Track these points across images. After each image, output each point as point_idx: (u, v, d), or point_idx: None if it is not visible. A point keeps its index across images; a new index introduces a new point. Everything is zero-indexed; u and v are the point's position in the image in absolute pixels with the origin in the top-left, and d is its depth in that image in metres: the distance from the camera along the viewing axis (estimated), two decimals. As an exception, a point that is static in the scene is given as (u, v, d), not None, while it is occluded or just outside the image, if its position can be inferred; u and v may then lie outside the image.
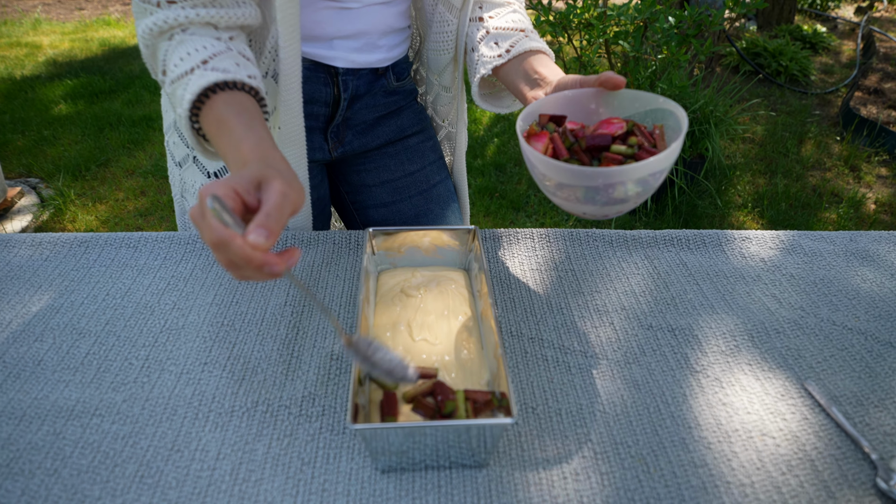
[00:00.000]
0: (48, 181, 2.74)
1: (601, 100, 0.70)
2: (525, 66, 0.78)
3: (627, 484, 0.55)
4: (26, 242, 0.86)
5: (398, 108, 0.96)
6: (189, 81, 0.63)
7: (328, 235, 0.88)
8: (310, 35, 0.82)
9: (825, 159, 3.14)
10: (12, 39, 4.55)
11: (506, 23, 0.84)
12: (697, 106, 2.54)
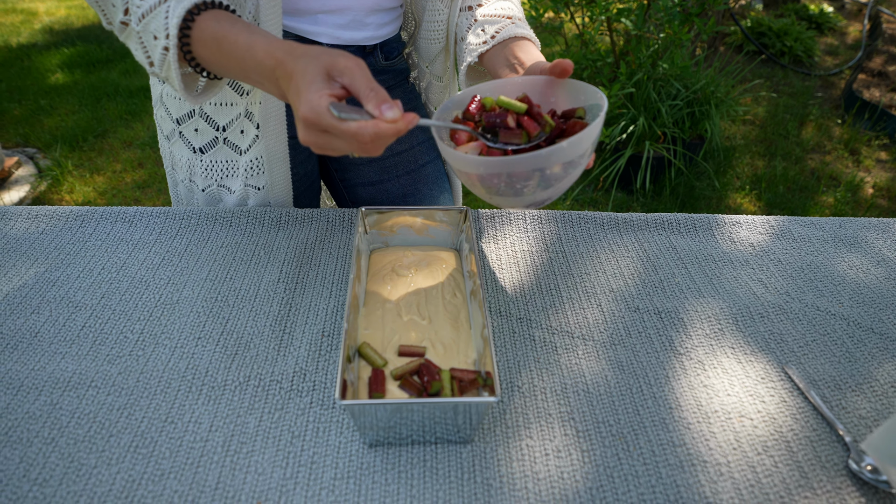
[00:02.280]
0: (45, 151, 2.73)
1: (555, 87, 0.70)
2: (507, 52, 0.78)
3: (607, 461, 0.57)
4: (22, 215, 0.86)
5: (387, 88, 0.96)
6: (168, 8, 0.62)
7: (322, 213, 0.89)
8: (292, 9, 0.81)
9: (825, 142, 3.13)
10: (7, 6, 4.48)
11: (494, 10, 0.84)
12: (698, 86, 2.53)
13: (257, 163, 0.87)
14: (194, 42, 0.62)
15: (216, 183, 0.91)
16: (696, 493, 0.55)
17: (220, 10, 0.63)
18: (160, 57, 0.64)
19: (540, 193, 0.62)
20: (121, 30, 0.68)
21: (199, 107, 0.85)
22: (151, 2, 0.63)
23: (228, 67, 0.62)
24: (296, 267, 0.79)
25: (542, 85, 0.70)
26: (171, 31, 0.61)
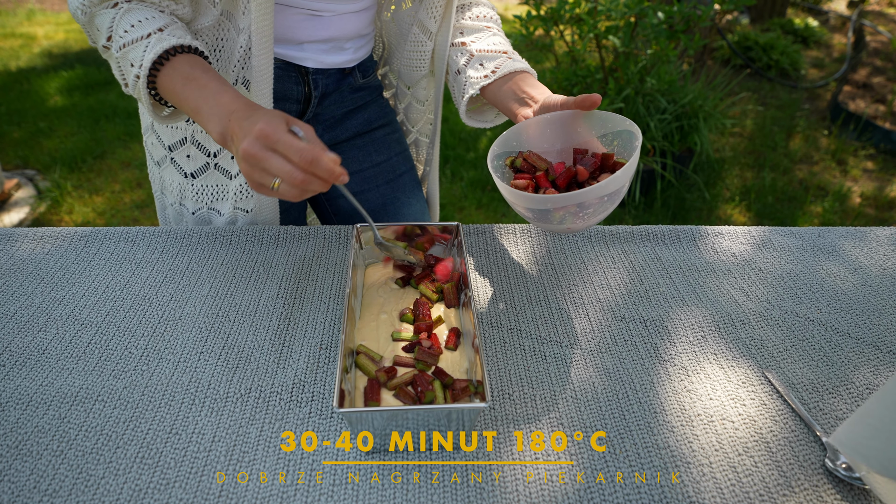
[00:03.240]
0: (45, 173, 2.77)
1: (580, 119, 0.76)
2: (512, 86, 0.83)
3: (594, 464, 0.59)
4: (28, 236, 0.89)
5: (365, 104, 1.00)
6: (148, 45, 0.69)
7: (317, 230, 0.92)
8: (282, 38, 0.86)
9: (813, 153, 3.18)
10: (7, 30, 4.54)
11: (488, 45, 0.89)
12: (686, 100, 2.58)
13: (246, 187, 0.91)
14: (162, 76, 0.70)
15: (206, 206, 0.94)
16: (679, 493, 0.57)
17: (196, 55, 0.71)
18: (133, 81, 0.72)
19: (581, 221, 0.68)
20: (103, 51, 0.76)
21: (191, 134, 0.89)
22: (134, 35, 0.70)
23: (188, 100, 0.68)
24: (294, 283, 0.82)
25: (570, 117, 0.76)
26: (144, 64, 0.70)
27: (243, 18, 0.78)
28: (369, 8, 0.92)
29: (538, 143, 0.78)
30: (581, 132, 0.76)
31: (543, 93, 0.81)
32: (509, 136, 0.76)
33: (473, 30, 0.93)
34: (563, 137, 0.77)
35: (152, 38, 0.70)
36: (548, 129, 0.77)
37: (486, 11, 0.96)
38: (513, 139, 0.77)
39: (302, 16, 0.85)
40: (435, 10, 0.91)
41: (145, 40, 0.69)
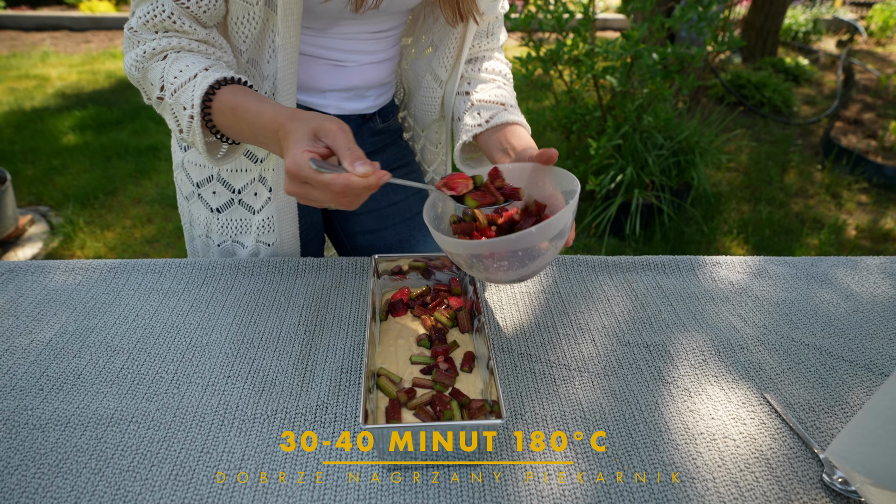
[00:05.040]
0: (58, 209, 2.83)
1: (545, 174, 0.78)
2: (500, 137, 0.88)
3: (604, 481, 0.63)
4: (60, 268, 0.94)
5: (384, 146, 1.06)
6: (196, 83, 0.74)
7: (335, 262, 0.97)
8: (305, 86, 0.92)
9: (808, 187, 3.26)
10: (22, 72, 4.68)
11: (489, 97, 0.95)
12: (682, 137, 2.66)
13: (269, 221, 0.96)
14: (214, 112, 0.74)
15: (231, 239, 0.99)
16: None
17: (238, 84, 0.75)
18: (187, 124, 0.75)
19: (518, 271, 0.70)
20: (157, 104, 0.79)
21: (217, 172, 0.95)
22: (183, 79, 0.75)
23: (242, 131, 0.73)
24: (314, 311, 0.86)
25: (531, 171, 0.79)
26: (195, 101, 0.73)
27: (268, 66, 0.85)
28: (391, 59, 0.98)
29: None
30: (545, 186, 0.78)
31: (525, 144, 0.85)
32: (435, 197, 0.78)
33: (480, 81, 1.00)
34: (530, 190, 0.79)
35: (198, 78, 0.74)
36: (511, 180, 0.78)
37: (498, 66, 1.03)
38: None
39: (326, 66, 0.91)
40: (446, 60, 0.97)
41: (192, 81, 0.74)
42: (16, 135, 3.57)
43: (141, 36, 0.78)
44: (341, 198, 0.63)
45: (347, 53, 0.91)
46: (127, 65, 0.80)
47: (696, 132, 2.74)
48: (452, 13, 0.89)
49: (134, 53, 0.78)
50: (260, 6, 0.78)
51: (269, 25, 0.81)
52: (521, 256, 0.68)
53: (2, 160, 3.23)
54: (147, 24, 0.77)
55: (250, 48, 0.84)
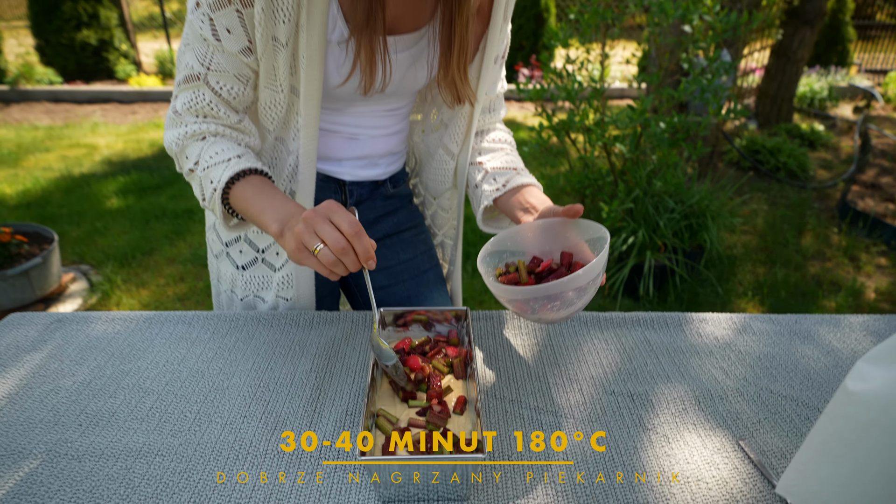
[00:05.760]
0: (98, 268, 3.01)
1: (569, 226, 0.90)
2: (518, 198, 0.99)
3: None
4: (102, 318, 1.05)
5: (395, 209, 1.17)
6: (227, 166, 0.88)
7: (346, 315, 1.06)
8: (323, 157, 1.04)
9: (825, 249, 3.27)
10: (73, 141, 5.04)
11: (501, 163, 1.06)
12: (693, 200, 2.74)
13: (288, 278, 1.06)
14: (234, 190, 0.88)
15: (253, 293, 1.09)
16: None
17: (259, 175, 0.89)
18: (210, 194, 0.89)
19: (567, 310, 0.80)
20: (188, 174, 0.93)
21: (245, 233, 1.06)
22: (217, 160, 0.89)
23: (257, 206, 0.86)
24: (325, 360, 0.94)
25: (559, 224, 0.90)
26: (222, 179, 0.87)
27: (293, 143, 0.97)
28: (401, 131, 1.11)
29: (531, 246, 0.91)
30: (570, 237, 0.89)
31: (543, 203, 0.96)
32: (504, 237, 0.91)
33: (489, 150, 1.11)
34: (556, 242, 0.90)
35: (231, 161, 0.88)
36: (541, 234, 0.91)
37: (501, 135, 1.14)
38: (507, 240, 0.91)
39: (342, 138, 1.04)
40: (457, 135, 1.09)
41: (224, 163, 0.88)
42: (64, 198, 3.82)
43: (183, 118, 0.91)
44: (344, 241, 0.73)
45: (360, 128, 1.03)
46: (168, 139, 0.93)
47: (707, 196, 2.82)
48: (452, 97, 1.00)
49: (176, 132, 0.91)
50: (285, 93, 0.91)
51: (294, 109, 0.94)
52: (567, 298, 0.78)
53: (51, 222, 3.46)
54: (189, 109, 0.90)
55: (277, 128, 0.96)
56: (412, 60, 0.96)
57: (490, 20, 0.99)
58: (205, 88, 0.89)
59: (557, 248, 0.90)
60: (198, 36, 0.86)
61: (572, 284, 0.76)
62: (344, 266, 0.75)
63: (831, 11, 7.22)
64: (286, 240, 0.79)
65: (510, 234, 0.91)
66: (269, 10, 0.83)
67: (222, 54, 0.87)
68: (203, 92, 0.89)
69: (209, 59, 0.87)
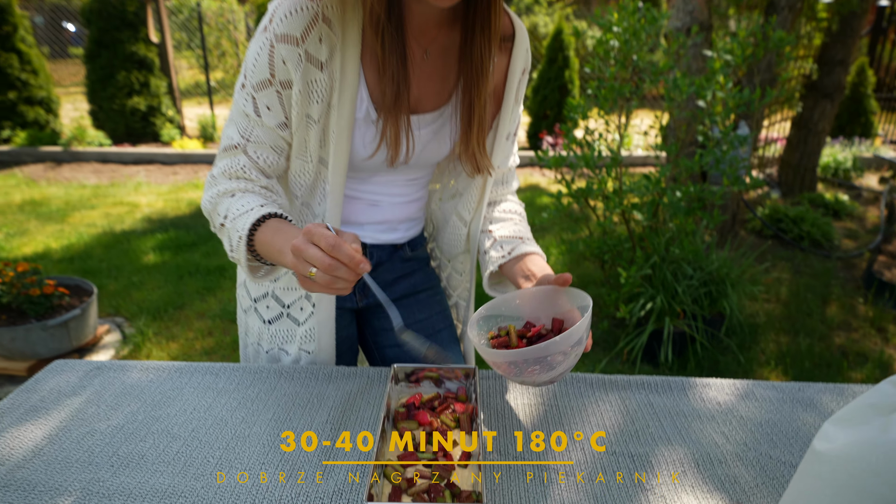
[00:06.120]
0: (131, 321, 3.13)
1: (562, 293, 0.96)
2: (521, 265, 1.07)
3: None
4: (137, 367, 1.13)
5: (412, 271, 1.24)
6: (250, 214, 0.94)
7: (362, 371, 1.12)
8: (346, 221, 1.13)
9: (851, 320, 3.23)
10: (117, 199, 5.33)
11: (508, 232, 1.15)
12: (712, 268, 2.77)
13: (310, 332, 1.13)
14: (260, 232, 0.93)
15: (277, 347, 1.17)
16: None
17: (279, 219, 0.95)
18: (236, 243, 0.95)
19: (548, 374, 0.85)
20: (220, 230, 1.00)
21: (272, 290, 1.14)
22: (241, 210, 0.96)
23: (273, 244, 0.91)
24: (341, 411, 1.00)
25: (551, 291, 0.97)
26: (244, 230, 0.93)
27: (318, 208, 1.06)
28: (420, 199, 1.20)
29: (525, 311, 0.98)
30: (562, 304, 0.95)
31: (543, 271, 1.03)
32: (499, 302, 0.97)
33: (499, 220, 1.19)
34: (549, 308, 0.96)
35: (254, 210, 0.95)
36: (534, 301, 0.97)
37: (512, 206, 1.23)
38: (502, 305, 0.97)
39: (364, 204, 1.13)
40: (470, 204, 1.18)
41: (248, 213, 0.94)
42: (105, 253, 4.02)
43: (218, 181, 1.01)
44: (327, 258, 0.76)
45: (382, 195, 1.13)
46: (204, 200, 1.03)
47: (727, 264, 2.85)
48: (472, 168, 1.10)
49: (211, 192, 1.01)
50: (314, 163, 1.01)
51: (321, 177, 1.04)
52: (550, 361, 0.83)
53: (91, 275, 3.63)
54: (224, 173, 1.00)
55: (304, 194, 1.06)
56: (433, 135, 1.06)
57: (503, 102, 1.10)
58: (242, 156, 0.99)
59: (550, 314, 0.96)
60: (241, 112, 0.97)
61: (551, 349, 0.80)
62: (343, 281, 0.78)
63: (852, 85, 7.35)
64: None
65: (505, 300, 0.97)
66: (304, 92, 0.94)
67: (261, 128, 0.97)
68: (239, 158, 0.99)
69: (249, 132, 0.98)
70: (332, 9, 0.92)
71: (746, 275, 2.99)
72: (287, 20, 0.90)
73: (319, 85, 0.94)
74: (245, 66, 0.95)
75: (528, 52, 1.10)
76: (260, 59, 0.92)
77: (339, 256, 0.77)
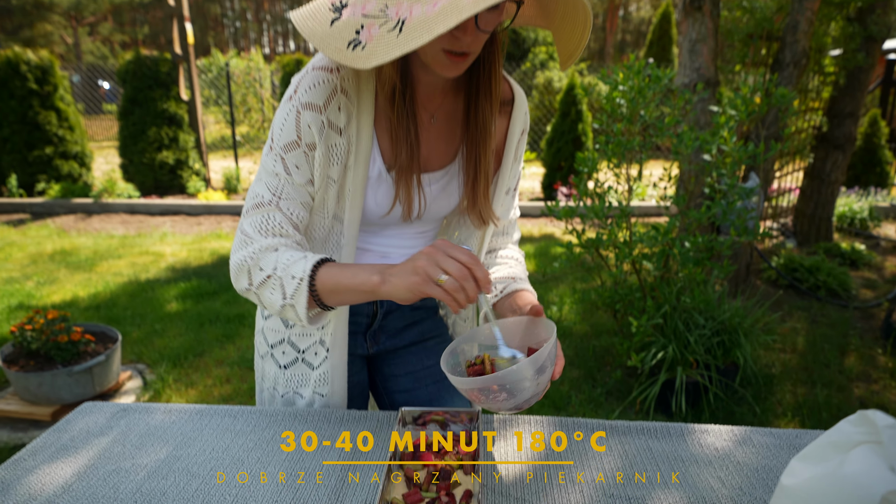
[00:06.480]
0: (153, 367, 3.21)
1: (539, 324, 1.02)
2: (510, 301, 1.14)
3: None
4: (161, 410, 1.19)
5: (421, 319, 1.31)
6: (307, 259, 0.98)
7: (373, 414, 1.17)
8: None
9: (870, 371, 3.19)
10: (143, 249, 5.51)
11: (502, 274, 1.23)
12: (724, 318, 2.78)
13: (324, 376, 1.19)
14: (321, 274, 0.98)
15: (292, 391, 1.23)
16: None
17: (333, 261, 1.02)
18: (294, 288, 0.98)
19: (513, 401, 0.89)
20: (263, 282, 1.02)
21: (288, 336, 1.21)
22: (295, 258, 1.00)
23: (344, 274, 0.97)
24: (352, 453, 1.05)
25: (527, 321, 1.04)
26: (306, 272, 0.97)
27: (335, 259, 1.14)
28: None
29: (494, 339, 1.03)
30: (540, 333, 1.02)
31: (529, 303, 1.10)
32: (477, 332, 1.04)
33: (497, 264, 1.27)
34: (527, 338, 1.03)
35: (308, 257, 1.00)
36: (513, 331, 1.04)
37: (511, 253, 1.30)
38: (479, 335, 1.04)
39: (376, 256, 1.21)
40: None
41: (303, 259, 0.99)
42: (129, 302, 4.15)
43: (254, 239, 1.05)
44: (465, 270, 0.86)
45: (392, 247, 1.20)
46: (239, 258, 1.05)
47: (739, 313, 2.86)
48: (478, 220, 1.18)
49: (247, 250, 1.04)
50: (329, 219, 1.10)
51: (335, 231, 1.12)
52: (510, 389, 0.88)
53: (116, 322, 3.74)
54: (259, 230, 1.05)
55: (316, 246, 1.14)
56: (441, 191, 1.15)
57: (503, 159, 1.18)
58: (276, 212, 1.05)
59: (525, 343, 1.03)
60: (270, 172, 1.05)
61: (510, 377, 0.86)
62: (465, 293, 0.86)
63: (866, 135, 7.41)
64: (394, 282, 0.91)
65: (480, 330, 1.03)
66: (326, 155, 1.03)
67: (291, 185, 1.05)
68: (274, 215, 1.05)
69: (280, 190, 1.05)
70: (349, 81, 1.02)
71: (760, 324, 2.99)
72: (310, 91, 1.00)
73: (338, 148, 1.03)
74: (272, 131, 1.04)
75: (526, 114, 1.20)
76: (287, 123, 1.02)
77: (476, 272, 0.87)
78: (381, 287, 0.93)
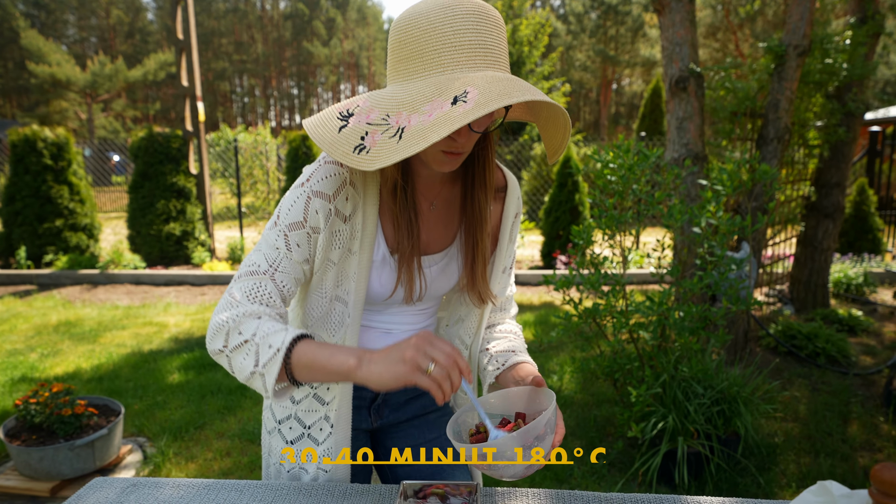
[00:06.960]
0: (153, 440, 3.20)
1: (540, 393, 1.08)
2: (512, 373, 1.20)
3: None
4: (169, 484, 1.23)
5: (422, 393, 1.36)
6: (287, 332, 1.01)
7: (376, 488, 1.20)
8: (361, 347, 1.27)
9: (874, 440, 3.17)
10: (146, 319, 5.56)
11: (502, 348, 1.29)
12: (722, 386, 2.80)
13: (328, 451, 1.24)
14: (299, 349, 1.01)
15: (298, 466, 1.27)
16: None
17: (311, 338, 1.06)
18: (268, 357, 1.00)
19: (512, 469, 0.94)
20: (239, 346, 1.05)
21: (295, 413, 1.26)
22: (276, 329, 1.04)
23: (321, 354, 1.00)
24: (353, 527, 1.08)
25: (529, 391, 1.10)
26: (286, 341, 1.01)
27: (333, 336, 1.21)
28: (428, 326, 1.35)
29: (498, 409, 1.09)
30: (542, 402, 1.07)
31: (531, 375, 1.15)
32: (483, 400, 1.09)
33: (496, 339, 1.33)
34: (531, 407, 1.08)
35: (289, 329, 1.03)
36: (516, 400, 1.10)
37: (509, 327, 1.37)
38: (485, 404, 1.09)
39: (379, 333, 1.28)
40: (470, 329, 1.33)
41: (283, 331, 1.02)
42: (132, 373, 4.16)
43: (241, 303, 1.09)
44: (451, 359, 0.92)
45: (394, 325, 1.28)
46: (221, 318, 1.07)
47: (737, 382, 2.88)
48: (477, 298, 1.26)
49: (232, 312, 1.07)
50: (328, 299, 1.17)
51: (335, 311, 1.19)
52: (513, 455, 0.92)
53: (118, 394, 3.75)
54: (248, 296, 1.10)
55: (315, 324, 1.20)
56: (440, 272, 1.23)
57: (498, 241, 1.28)
58: (269, 282, 1.10)
59: (531, 413, 1.08)
60: (272, 245, 1.12)
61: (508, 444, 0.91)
62: (451, 382, 0.92)
63: (855, 203, 7.60)
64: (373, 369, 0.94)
65: (483, 400, 1.09)
66: (328, 240, 1.12)
67: (289, 261, 1.12)
68: (266, 284, 1.11)
69: (278, 263, 1.11)
70: (357, 174, 1.13)
71: (759, 392, 3.01)
72: (322, 182, 1.10)
73: (342, 235, 1.13)
74: (280, 209, 1.13)
75: (518, 199, 1.30)
76: (296, 205, 1.11)
77: (459, 362, 0.93)
78: (356, 371, 0.96)
